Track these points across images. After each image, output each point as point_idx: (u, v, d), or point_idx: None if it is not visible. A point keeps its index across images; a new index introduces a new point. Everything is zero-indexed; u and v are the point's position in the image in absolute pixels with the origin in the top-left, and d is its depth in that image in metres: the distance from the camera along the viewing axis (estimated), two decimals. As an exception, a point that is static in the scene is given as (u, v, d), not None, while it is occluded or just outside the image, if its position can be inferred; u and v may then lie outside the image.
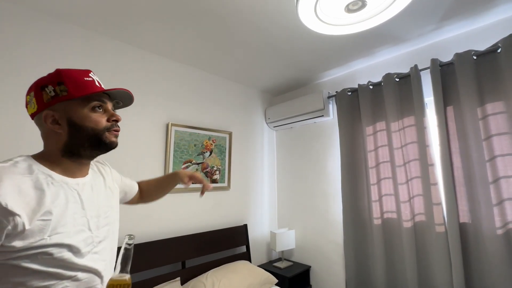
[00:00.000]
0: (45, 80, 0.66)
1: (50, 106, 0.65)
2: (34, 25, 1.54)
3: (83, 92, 0.66)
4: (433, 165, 1.73)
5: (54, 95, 0.64)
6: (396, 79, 1.97)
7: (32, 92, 0.66)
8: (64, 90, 0.65)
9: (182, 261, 1.95)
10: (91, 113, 0.67)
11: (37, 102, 0.65)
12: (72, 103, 0.66)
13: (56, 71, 0.67)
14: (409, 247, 1.79)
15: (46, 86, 0.65)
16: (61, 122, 0.65)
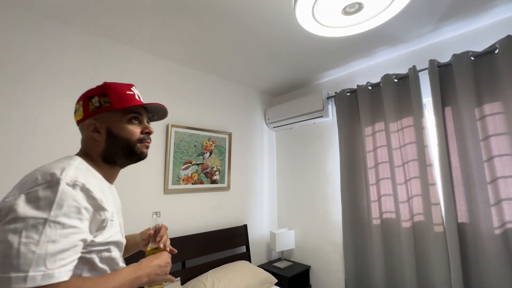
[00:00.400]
0: (93, 91, 0.73)
1: (93, 115, 0.71)
2: (32, 28, 1.56)
3: (123, 104, 0.72)
4: (431, 165, 1.74)
5: (98, 105, 0.71)
6: (395, 80, 1.99)
7: (81, 101, 0.74)
8: (107, 101, 0.71)
9: (182, 261, 1.96)
10: (127, 125, 0.74)
11: (83, 110, 0.72)
12: (112, 114, 0.72)
13: (103, 84, 0.74)
14: (408, 247, 1.80)
15: (93, 97, 0.72)
16: (100, 131, 0.72)
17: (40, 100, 1.54)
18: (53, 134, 1.56)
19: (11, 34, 1.47)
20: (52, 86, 1.59)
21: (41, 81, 1.55)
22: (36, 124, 1.52)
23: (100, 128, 0.71)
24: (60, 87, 1.62)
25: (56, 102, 1.59)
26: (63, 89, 1.63)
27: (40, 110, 1.53)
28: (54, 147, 1.55)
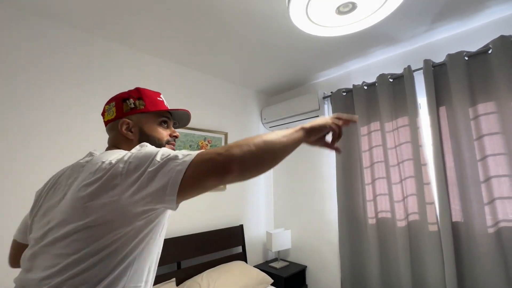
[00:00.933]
0: (127, 94, 0.77)
1: (127, 115, 0.74)
2: (27, 27, 1.54)
3: (156, 108, 0.77)
4: (426, 165, 1.75)
5: (133, 107, 0.75)
6: (390, 80, 1.99)
7: (113, 102, 0.76)
8: (142, 104, 0.76)
9: (177, 262, 1.95)
10: (158, 127, 0.77)
11: (116, 111, 0.75)
12: (145, 115, 0.76)
13: (137, 89, 0.78)
14: (403, 246, 1.81)
15: (128, 99, 0.75)
16: (133, 130, 0.74)
17: (35, 100, 1.52)
18: (50, 135, 1.54)
19: (7, 34, 1.45)
20: (48, 85, 1.57)
21: (36, 81, 1.53)
22: (33, 124, 1.50)
23: (133, 127, 0.74)
24: (56, 87, 1.60)
25: (52, 102, 1.57)
26: (60, 89, 1.61)
27: (37, 110, 1.51)
28: (51, 147, 1.53)
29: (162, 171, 0.51)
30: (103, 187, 0.54)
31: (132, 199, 0.52)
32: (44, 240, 0.56)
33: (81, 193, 0.55)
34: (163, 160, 0.53)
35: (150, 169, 0.52)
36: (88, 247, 0.53)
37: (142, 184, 0.51)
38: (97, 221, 0.53)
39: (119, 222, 0.54)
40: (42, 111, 1.55)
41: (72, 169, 0.66)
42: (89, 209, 0.53)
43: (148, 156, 0.54)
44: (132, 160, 0.55)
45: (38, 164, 1.49)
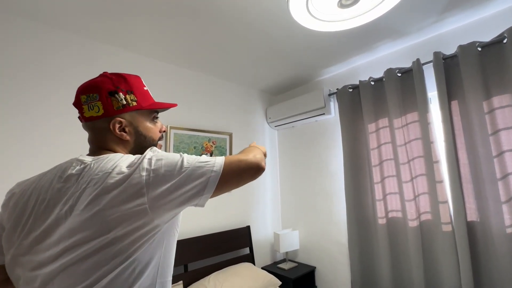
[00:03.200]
0: (112, 84, 0.65)
1: (119, 113, 0.65)
2: (28, 34, 1.55)
3: (148, 103, 0.70)
4: (438, 162, 1.67)
5: (125, 103, 0.66)
6: (398, 74, 1.92)
7: (96, 94, 0.64)
8: (134, 100, 0.67)
9: (184, 265, 1.94)
10: (151, 124, 0.72)
11: (103, 107, 0.64)
12: (139, 113, 0.69)
13: (120, 76, 0.67)
14: (415, 247, 1.74)
15: (116, 93, 0.65)
16: (128, 130, 0.67)
17: (35, 104, 1.53)
18: (49, 139, 1.56)
19: (9, 41, 1.47)
20: (47, 89, 1.58)
21: (36, 83, 1.54)
22: (31, 125, 1.51)
23: (127, 127, 0.66)
24: (56, 89, 1.61)
25: (51, 103, 1.58)
26: (59, 93, 1.62)
27: (37, 114, 1.53)
28: (49, 151, 1.55)
29: (196, 174, 0.56)
30: (125, 198, 0.52)
31: (162, 204, 0.54)
32: (61, 260, 0.52)
33: (98, 207, 0.51)
34: (192, 163, 0.58)
35: (182, 174, 0.56)
36: (117, 257, 0.52)
37: (174, 188, 0.54)
38: (123, 233, 0.52)
39: (145, 229, 0.54)
40: (41, 112, 1.56)
41: (62, 181, 0.58)
42: (112, 222, 0.51)
43: (174, 161, 0.57)
44: (156, 167, 0.56)
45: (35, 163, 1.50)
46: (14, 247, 0.57)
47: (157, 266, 0.59)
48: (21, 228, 0.57)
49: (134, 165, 0.56)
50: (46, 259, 0.53)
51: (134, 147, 0.70)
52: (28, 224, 0.57)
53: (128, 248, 0.53)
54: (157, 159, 0.57)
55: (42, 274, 0.53)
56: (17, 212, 0.59)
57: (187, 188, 0.55)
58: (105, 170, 0.55)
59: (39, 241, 0.55)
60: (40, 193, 0.59)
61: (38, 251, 0.54)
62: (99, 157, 0.61)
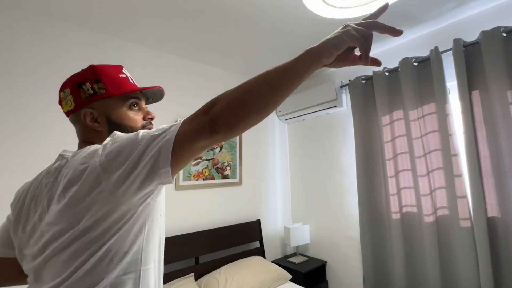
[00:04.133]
0: (81, 77, 0.64)
1: (88, 104, 0.64)
2: (40, 29, 1.57)
3: (120, 90, 0.65)
4: (457, 155, 1.60)
5: (92, 93, 0.64)
6: (415, 64, 1.83)
7: (68, 89, 0.65)
8: (102, 88, 0.64)
9: (195, 257, 1.96)
10: (128, 112, 0.67)
11: (74, 99, 0.64)
12: (110, 101, 0.65)
13: (91, 67, 0.65)
14: (430, 243, 1.69)
15: (84, 84, 0.64)
16: (100, 120, 0.65)
17: (43, 99, 1.56)
18: (55, 134, 1.58)
19: (17, 36, 1.49)
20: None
21: (46, 81, 1.57)
22: (38, 124, 1.54)
23: (99, 118, 0.64)
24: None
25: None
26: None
27: (45, 110, 1.55)
28: (55, 146, 1.57)
29: (149, 148, 0.49)
30: (86, 187, 0.50)
31: (122, 187, 0.49)
32: (44, 253, 0.54)
33: (66, 200, 0.52)
34: (146, 137, 0.50)
35: (135, 151, 0.49)
36: (92, 246, 0.52)
37: (130, 167, 0.49)
38: (92, 223, 0.51)
39: (113, 216, 0.52)
40: (53, 111, 1.59)
41: (47, 177, 0.60)
42: (79, 214, 0.51)
43: (127, 140, 0.51)
44: (109, 150, 0.51)
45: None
46: (18, 241, 0.62)
47: (139, 253, 0.57)
48: (22, 224, 0.61)
49: (92, 153, 0.53)
50: (35, 252, 0.56)
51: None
52: (24, 220, 0.61)
53: (102, 237, 0.52)
54: (112, 142, 0.53)
55: (34, 266, 0.56)
56: (17, 209, 0.63)
57: (141, 165, 0.48)
58: (75, 163, 0.55)
59: (31, 236, 0.58)
60: (32, 190, 0.62)
61: (31, 245, 0.58)
62: (78, 151, 0.60)
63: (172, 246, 1.81)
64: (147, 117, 0.71)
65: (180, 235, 1.89)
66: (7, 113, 1.43)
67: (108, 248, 0.53)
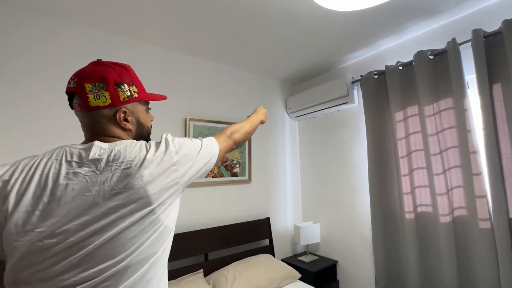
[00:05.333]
0: (118, 77, 0.68)
1: (124, 104, 0.69)
2: (51, 30, 1.62)
3: (146, 95, 0.75)
4: (475, 153, 1.52)
5: (129, 95, 0.70)
6: (430, 57, 1.75)
7: (102, 84, 0.65)
8: (135, 91, 0.72)
9: (205, 254, 1.98)
10: (146, 114, 0.78)
11: (111, 97, 0.66)
12: (139, 104, 0.74)
13: (123, 67, 0.72)
14: (447, 244, 1.61)
15: (122, 84, 0.69)
16: (130, 120, 0.72)
17: (49, 97, 1.61)
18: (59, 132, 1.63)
19: (20, 35, 1.55)
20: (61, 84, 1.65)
21: (49, 79, 1.62)
22: (44, 121, 1.59)
23: (129, 117, 0.71)
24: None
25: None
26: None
27: (50, 108, 1.61)
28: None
29: (208, 156, 0.76)
30: (165, 179, 0.63)
31: (189, 180, 0.71)
32: (106, 235, 0.56)
33: (139, 182, 0.59)
34: (203, 146, 0.76)
35: (199, 153, 0.73)
36: (158, 223, 0.62)
37: (199, 168, 0.73)
38: (160, 203, 0.62)
39: (173, 197, 0.67)
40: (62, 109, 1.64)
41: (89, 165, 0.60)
42: (155, 196, 0.61)
43: (191, 144, 0.73)
44: (185, 152, 0.69)
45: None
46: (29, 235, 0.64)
47: (173, 232, 0.69)
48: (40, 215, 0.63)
49: (162, 148, 0.66)
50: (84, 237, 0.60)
51: (134, 136, 0.74)
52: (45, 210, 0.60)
53: (164, 214, 0.64)
54: (178, 142, 0.70)
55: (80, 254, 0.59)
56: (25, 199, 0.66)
57: (205, 167, 0.75)
58: (134, 154, 0.63)
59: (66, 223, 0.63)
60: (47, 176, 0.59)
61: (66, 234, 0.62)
62: (115, 143, 0.64)
63: (182, 242, 1.84)
64: (151, 120, 0.82)
65: (190, 231, 1.92)
66: (12, 108, 1.50)
67: (165, 224, 0.64)
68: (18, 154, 1.44)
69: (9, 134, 1.45)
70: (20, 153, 1.45)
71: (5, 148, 1.44)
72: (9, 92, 1.46)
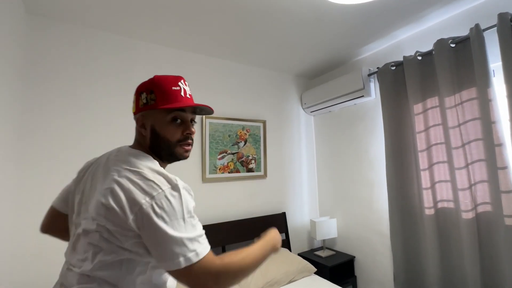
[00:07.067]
0: (143, 86, 0.74)
1: (142, 111, 0.73)
2: (77, 37, 1.75)
3: (166, 103, 0.71)
4: (501, 145, 1.43)
5: (145, 102, 0.72)
6: (452, 45, 1.66)
7: (135, 95, 0.76)
8: (153, 99, 0.71)
9: (222, 246, 2.06)
10: (169, 125, 0.72)
11: (135, 104, 0.75)
12: (156, 112, 0.72)
13: (153, 78, 0.73)
14: (469, 241, 1.54)
15: (142, 92, 0.73)
16: (146, 127, 0.73)
17: (83, 103, 1.75)
18: (98, 135, 1.77)
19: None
20: (94, 89, 1.79)
21: (85, 86, 1.76)
22: (82, 125, 1.73)
23: (146, 125, 0.73)
24: (102, 90, 1.81)
25: (100, 101, 1.79)
26: (105, 92, 1.82)
27: (86, 112, 1.74)
28: (102, 141, 1.76)
29: (171, 246, 0.59)
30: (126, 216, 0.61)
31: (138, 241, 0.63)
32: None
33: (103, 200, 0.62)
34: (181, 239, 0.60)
35: (167, 236, 0.59)
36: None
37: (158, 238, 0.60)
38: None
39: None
40: (92, 113, 1.77)
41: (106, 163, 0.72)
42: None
43: (170, 235, 0.59)
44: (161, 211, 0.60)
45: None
46: (71, 205, 0.81)
47: None
48: (78, 192, 0.79)
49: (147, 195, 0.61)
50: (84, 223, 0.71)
51: (150, 144, 0.74)
52: (80, 191, 0.78)
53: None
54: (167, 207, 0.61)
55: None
56: (78, 179, 0.83)
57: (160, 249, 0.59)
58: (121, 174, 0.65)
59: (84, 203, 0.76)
60: (92, 169, 0.78)
61: (81, 212, 0.74)
62: (131, 155, 0.71)
63: (200, 235, 1.92)
64: (186, 131, 0.74)
65: (208, 224, 2.00)
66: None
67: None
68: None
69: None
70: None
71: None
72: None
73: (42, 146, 1.59)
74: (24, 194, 1.52)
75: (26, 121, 1.55)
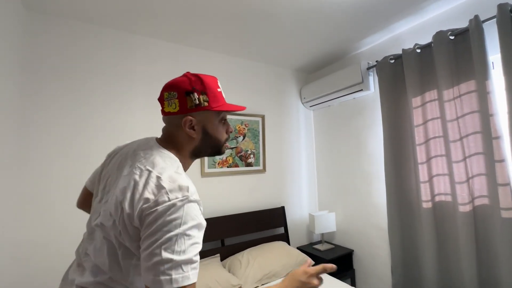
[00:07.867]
0: (189, 85, 0.70)
1: (191, 112, 0.71)
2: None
3: (216, 105, 0.72)
4: (499, 138, 1.42)
5: (197, 103, 0.70)
6: (451, 37, 1.64)
7: (175, 92, 0.70)
8: (206, 100, 0.71)
9: (221, 239, 2.08)
10: (219, 125, 0.75)
11: (179, 104, 0.70)
12: (209, 113, 0.73)
13: (199, 78, 0.72)
14: (466, 235, 1.55)
15: (192, 93, 0.70)
16: (196, 129, 0.72)
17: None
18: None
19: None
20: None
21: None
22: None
23: (196, 126, 0.72)
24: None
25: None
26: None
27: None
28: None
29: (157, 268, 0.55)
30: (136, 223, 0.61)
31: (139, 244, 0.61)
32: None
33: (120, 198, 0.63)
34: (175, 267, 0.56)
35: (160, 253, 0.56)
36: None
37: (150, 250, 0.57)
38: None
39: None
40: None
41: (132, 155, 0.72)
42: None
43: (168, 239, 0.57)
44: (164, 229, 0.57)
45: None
46: (96, 189, 0.82)
47: None
48: (103, 179, 0.79)
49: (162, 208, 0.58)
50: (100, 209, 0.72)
51: (199, 145, 0.75)
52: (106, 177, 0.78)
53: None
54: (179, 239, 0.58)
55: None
56: (105, 164, 0.83)
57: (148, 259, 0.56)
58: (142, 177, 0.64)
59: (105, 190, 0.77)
60: (119, 156, 0.78)
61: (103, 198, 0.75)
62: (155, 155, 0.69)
63: (199, 228, 1.95)
64: (229, 131, 0.80)
65: (208, 218, 2.02)
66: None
67: None
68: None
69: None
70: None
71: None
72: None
73: (43, 140, 1.61)
74: (27, 188, 1.54)
75: (28, 117, 1.57)
